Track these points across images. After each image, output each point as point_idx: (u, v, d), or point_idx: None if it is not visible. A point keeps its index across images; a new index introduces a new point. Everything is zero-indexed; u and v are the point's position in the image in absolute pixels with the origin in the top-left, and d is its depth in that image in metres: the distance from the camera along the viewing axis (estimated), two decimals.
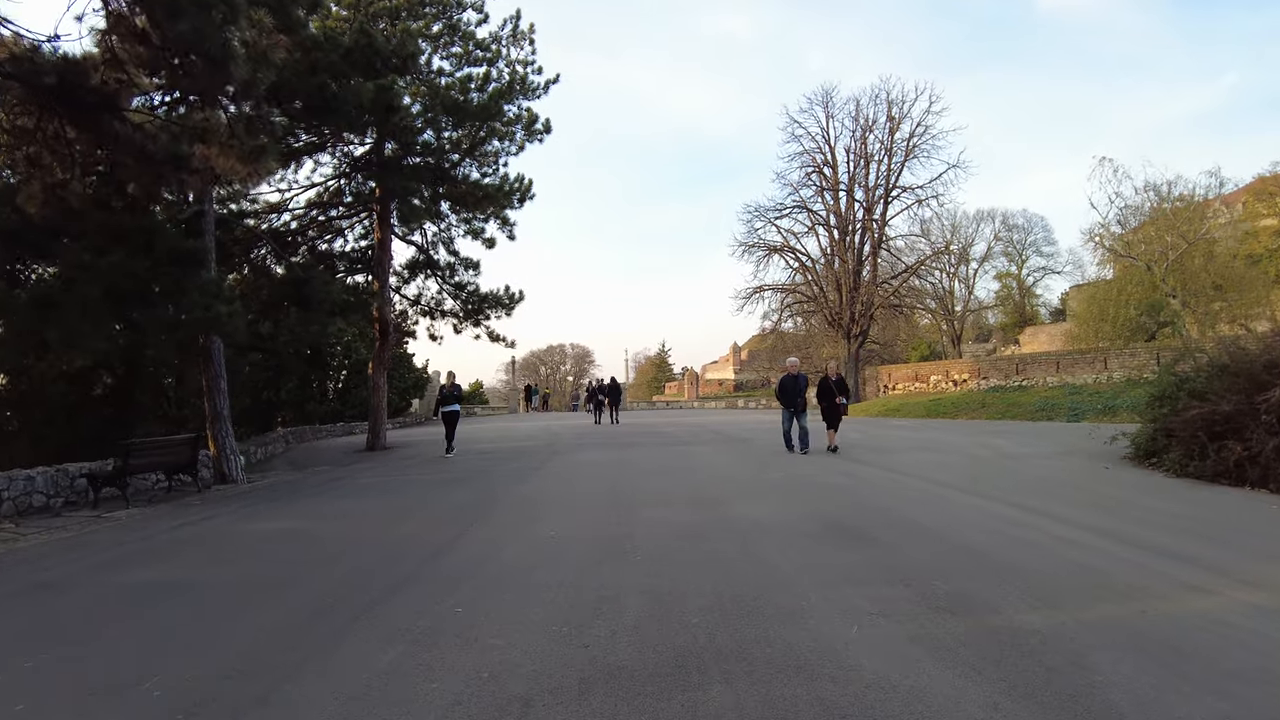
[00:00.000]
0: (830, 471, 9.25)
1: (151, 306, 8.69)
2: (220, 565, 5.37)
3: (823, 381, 12.41)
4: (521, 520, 6.42)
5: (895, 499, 7.08)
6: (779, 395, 12.23)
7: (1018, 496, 7.09)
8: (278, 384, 26.94)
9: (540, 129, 18.34)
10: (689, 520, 6.13)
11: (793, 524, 5.90)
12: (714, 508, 6.71)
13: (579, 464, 11.10)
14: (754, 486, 8.11)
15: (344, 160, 17.37)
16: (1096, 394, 20.34)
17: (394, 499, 8.39)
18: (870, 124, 33.79)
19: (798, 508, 6.65)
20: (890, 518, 6.11)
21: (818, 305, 35.18)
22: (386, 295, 16.51)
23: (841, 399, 12.03)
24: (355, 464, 13.72)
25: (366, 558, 5.33)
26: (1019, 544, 5.11)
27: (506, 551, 5.23)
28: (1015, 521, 5.90)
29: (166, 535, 6.75)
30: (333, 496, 9.03)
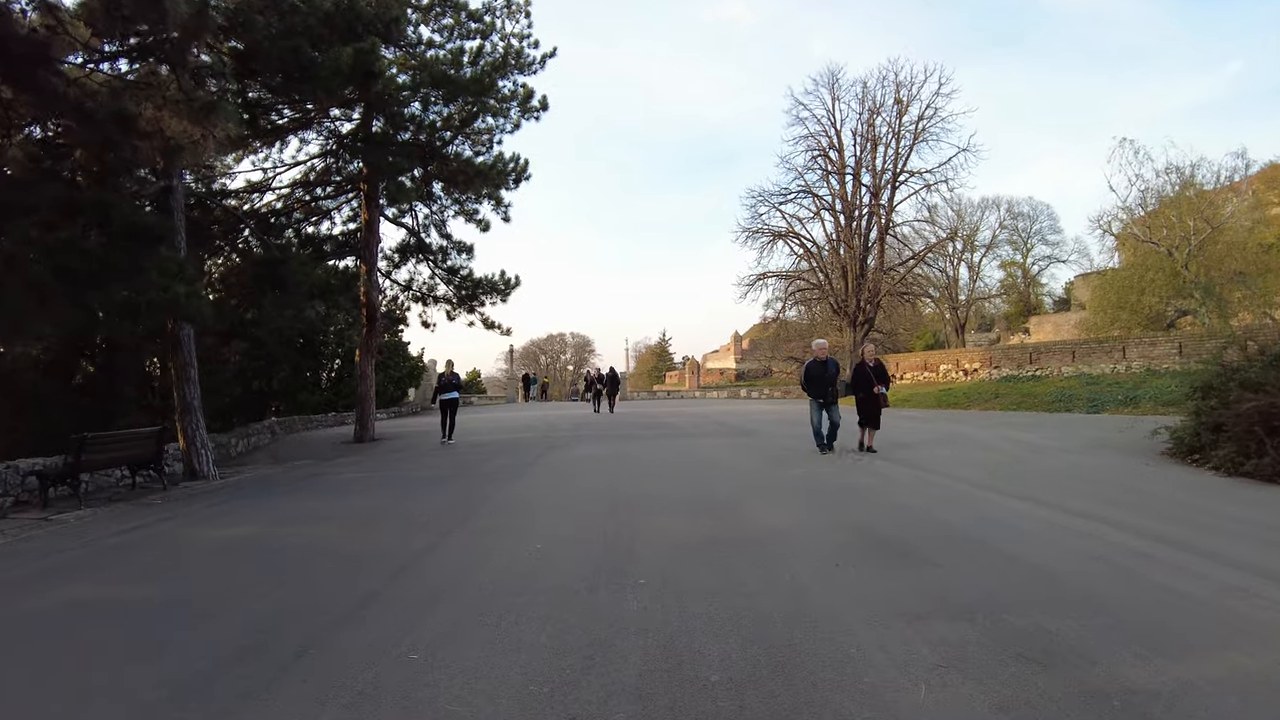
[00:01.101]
0: (851, 469, 8.47)
1: (104, 287, 7.87)
2: (154, 581, 4.60)
3: (858, 368, 10.58)
4: (507, 528, 5.64)
5: (930, 502, 6.31)
6: (805, 385, 10.33)
7: (1065, 499, 6.32)
8: (269, 373, 26.21)
9: (536, 106, 17.42)
10: (698, 530, 5.35)
11: (821, 535, 5.12)
12: (726, 514, 5.93)
13: (576, 459, 10.33)
14: (769, 487, 7.33)
15: (330, 138, 16.48)
16: (1115, 384, 19.54)
17: (370, 499, 7.62)
18: (878, 106, 32.84)
19: (823, 514, 5.87)
20: (931, 527, 5.33)
21: (823, 293, 34.32)
22: (374, 279, 15.68)
23: (881, 388, 10.21)
24: (339, 457, 12.96)
25: (323, 574, 4.55)
26: (1089, 562, 4.33)
27: (486, 569, 4.45)
28: (1074, 531, 5.13)
29: (109, 542, 5.98)
30: (305, 495, 8.26)
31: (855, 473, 8.17)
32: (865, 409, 10.28)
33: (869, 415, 10.29)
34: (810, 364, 10.32)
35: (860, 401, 10.31)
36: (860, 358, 10.77)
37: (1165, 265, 21.53)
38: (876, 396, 10.17)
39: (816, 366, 10.19)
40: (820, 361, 10.19)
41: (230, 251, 14.35)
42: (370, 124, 15.60)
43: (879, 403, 10.21)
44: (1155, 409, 16.72)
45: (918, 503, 6.28)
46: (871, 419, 10.28)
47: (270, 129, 15.69)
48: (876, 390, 10.17)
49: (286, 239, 16.18)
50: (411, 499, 7.39)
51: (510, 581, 4.15)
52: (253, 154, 16.33)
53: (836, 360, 10.49)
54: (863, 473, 8.15)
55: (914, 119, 32.28)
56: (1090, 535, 4.98)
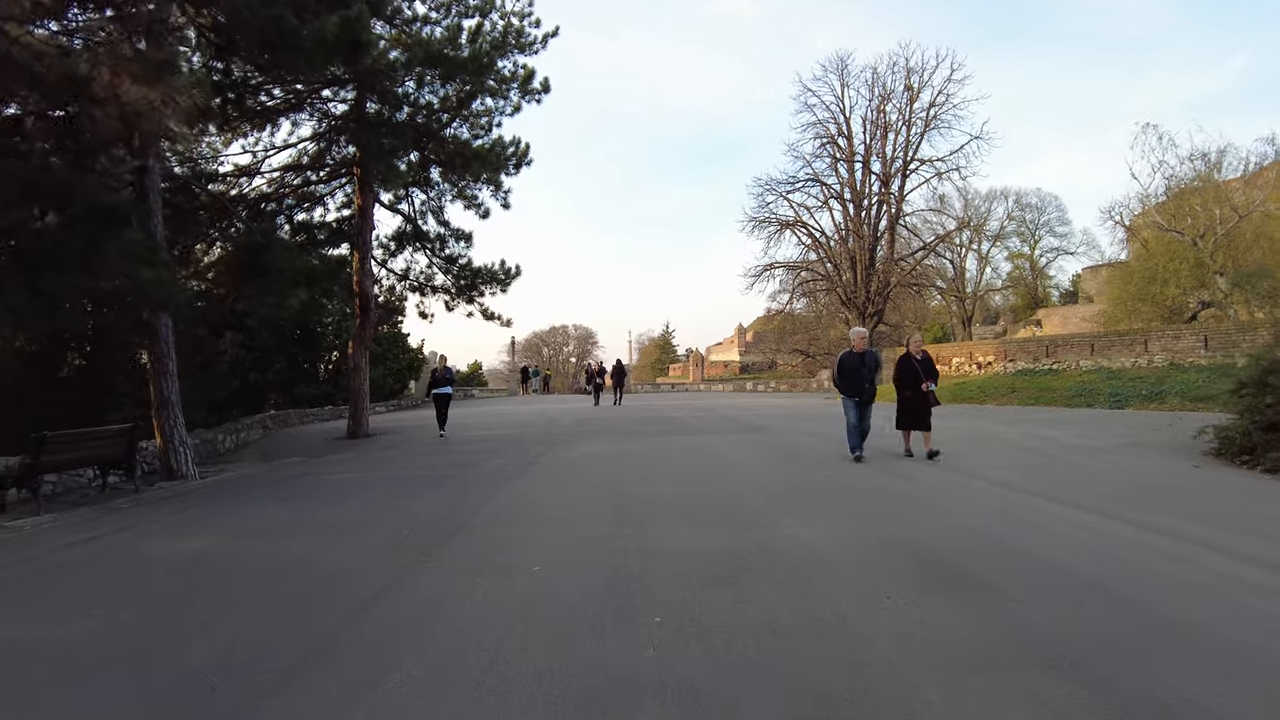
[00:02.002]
0: (880, 472, 7.77)
1: (63, 271, 7.19)
2: (80, 616, 3.92)
3: (903, 362, 8.95)
4: (498, 545, 4.97)
5: (977, 513, 5.62)
6: (838, 380, 8.82)
7: (1124, 508, 5.63)
8: (265, 365, 25.61)
9: (537, 88, 16.68)
10: (719, 548, 4.66)
11: (861, 555, 4.43)
12: (749, 527, 5.24)
13: (577, 459, 9.65)
14: (791, 493, 6.64)
15: (323, 120, 15.75)
16: (1138, 379, 18.79)
17: (354, 505, 6.95)
18: (888, 93, 31.92)
19: (859, 527, 5.18)
20: (985, 543, 4.64)
21: (831, 283, 33.52)
22: (368, 268, 14.98)
23: (930, 385, 8.72)
24: (330, 454, 12.32)
25: (279, 605, 3.89)
26: (1186, 591, 3.64)
27: (472, 600, 3.78)
28: (1148, 548, 4.44)
29: (51, 559, 5.33)
30: (285, 499, 7.60)
31: (884, 476, 7.48)
32: (911, 409, 8.86)
33: (916, 417, 8.87)
34: (845, 356, 8.79)
35: (905, 401, 8.87)
36: (905, 348, 9.25)
37: (1189, 255, 20.73)
38: (925, 395, 8.75)
39: (852, 359, 8.68)
40: (857, 353, 8.66)
41: (217, 239, 13.67)
42: (364, 105, 14.87)
43: (928, 402, 8.79)
44: (1182, 405, 16.01)
45: (963, 514, 5.60)
46: (920, 420, 8.86)
47: (259, 110, 14.98)
48: (925, 387, 8.75)
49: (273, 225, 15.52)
50: (398, 505, 6.73)
51: (500, 618, 3.47)
52: (242, 137, 15.63)
53: (876, 353, 8.99)
54: (893, 476, 7.46)
55: (925, 105, 31.40)
56: (1176, 557, 4.29)
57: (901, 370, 8.94)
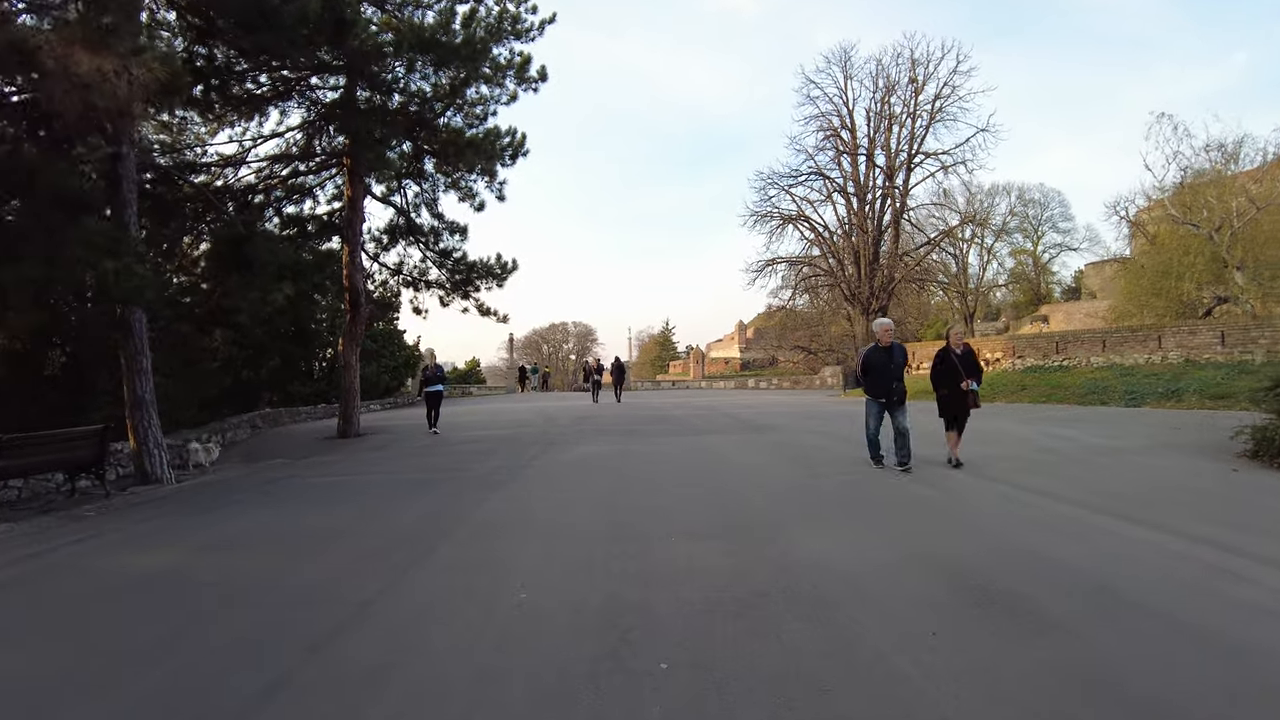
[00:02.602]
0: (898, 477, 7.24)
1: (20, 262, 6.66)
2: (5, 649, 3.42)
3: (941, 356, 7.80)
4: (484, 562, 4.45)
5: (1011, 524, 5.10)
6: (862, 377, 7.81)
7: (1170, 518, 5.11)
8: (258, 363, 25.13)
9: (534, 76, 16.10)
10: (730, 568, 4.14)
11: (893, 577, 3.92)
12: (761, 541, 4.72)
13: (573, 462, 9.13)
14: (807, 501, 6.12)
15: (313, 107, 15.19)
16: (1153, 376, 18.26)
17: (332, 513, 6.44)
18: (893, 85, 31.37)
19: (884, 541, 4.66)
20: (1032, 564, 4.12)
21: (834, 278, 32.99)
22: (358, 261, 14.44)
23: (972, 383, 7.60)
24: (316, 455, 11.81)
25: (229, 639, 3.37)
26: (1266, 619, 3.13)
27: (445, 635, 3.26)
28: (1219, 569, 3.92)
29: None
30: (260, 506, 7.09)
31: (905, 482, 6.95)
32: (950, 409, 7.78)
33: (955, 416, 7.81)
34: (870, 351, 7.66)
35: (943, 401, 7.82)
36: (945, 341, 8.06)
37: (1204, 249, 20.18)
38: (966, 395, 7.59)
39: (878, 354, 7.55)
40: (883, 348, 7.54)
41: (205, 232, 13.14)
42: (354, 92, 14.33)
43: (969, 403, 7.65)
44: (1201, 403, 15.50)
45: (998, 526, 5.07)
46: (956, 422, 7.82)
47: (246, 99, 14.44)
48: (966, 386, 7.55)
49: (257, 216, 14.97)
50: (379, 514, 6.21)
51: (477, 660, 2.95)
52: (228, 127, 15.11)
53: (904, 347, 7.93)
54: (915, 482, 6.94)
55: (930, 98, 30.87)
56: (1250, 581, 3.77)
57: (940, 366, 7.83)
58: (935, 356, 7.98)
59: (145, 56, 5.63)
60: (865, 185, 32.05)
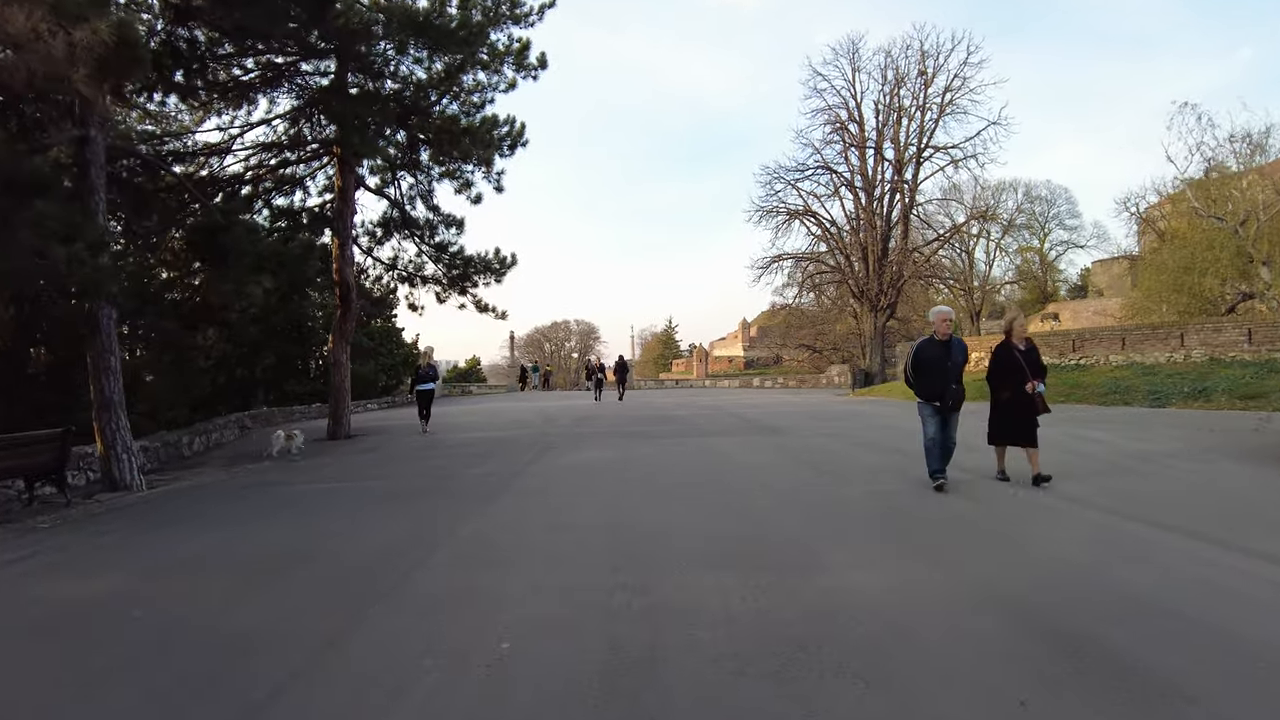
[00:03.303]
0: (931, 488, 6.55)
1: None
2: None
3: (1001, 353, 6.64)
4: (458, 598, 3.78)
5: (1074, 546, 4.41)
6: (913, 376, 6.50)
7: (1251, 537, 4.43)
8: (253, 361, 24.54)
9: (534, 63, 15.45)
10: (755, 609, 3.46)
11: (952, 618, 3.24)
12: (789, 572, 4.04)
13: (573, 468, 8.46)
14: (834, 518, 5.43)
15: (303, 94, 14.53)
16: (1177, 375, 17.53)
17: (302, 529, 5.79)
18: (902, 77, 30.61)
19: (934, 571, 3.98)
20: (1120, 600, 3.43)
21: (842, 275, 32.25)
22: (348, 254, 13.79)
23: (1038, 385, 6.43)
24: (302, 459, 11.15)
25: (147, 699, 2.72)
26: None
27: (406, 704, 2.60)
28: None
29: None
30: (226, 520, 6.45)
31: (940, 495, 6.27)
32: (1011, 417, 6.56)
33: (1018, 426, 6.54)
34: (924, 346, 6.40)
35: (1003, 406, 6.60)
36: (1006, 334, 6.81)
37: (1229, 243, 19.44)
38: (1033, 398, 6.41)
39: (934, 350, 6.29)
40: (940, 341, 6.28)
41: (185, 222, 12.50)
42: (344, 78, 13.69)
43: (1035, 407, 6.46)
44: (1231, 403, 14.80)
45: (1063, 550, 4.39)
46: (1023, 431, 6.53)
47: (233, 85, 13.82)
48: (1032, 388, 6.39)
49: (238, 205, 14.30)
50: (351, 531, 5.55)
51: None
52: (215, 115, 14.49)
53: (964, 342, 6.58)
54: (952, 494, 6.25)
55: (940, 90, 30.09)
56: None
57: (1000, 364, 6.63)
58: (993, 353, 6.79)
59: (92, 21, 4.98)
60: (873, 179, 31.32)
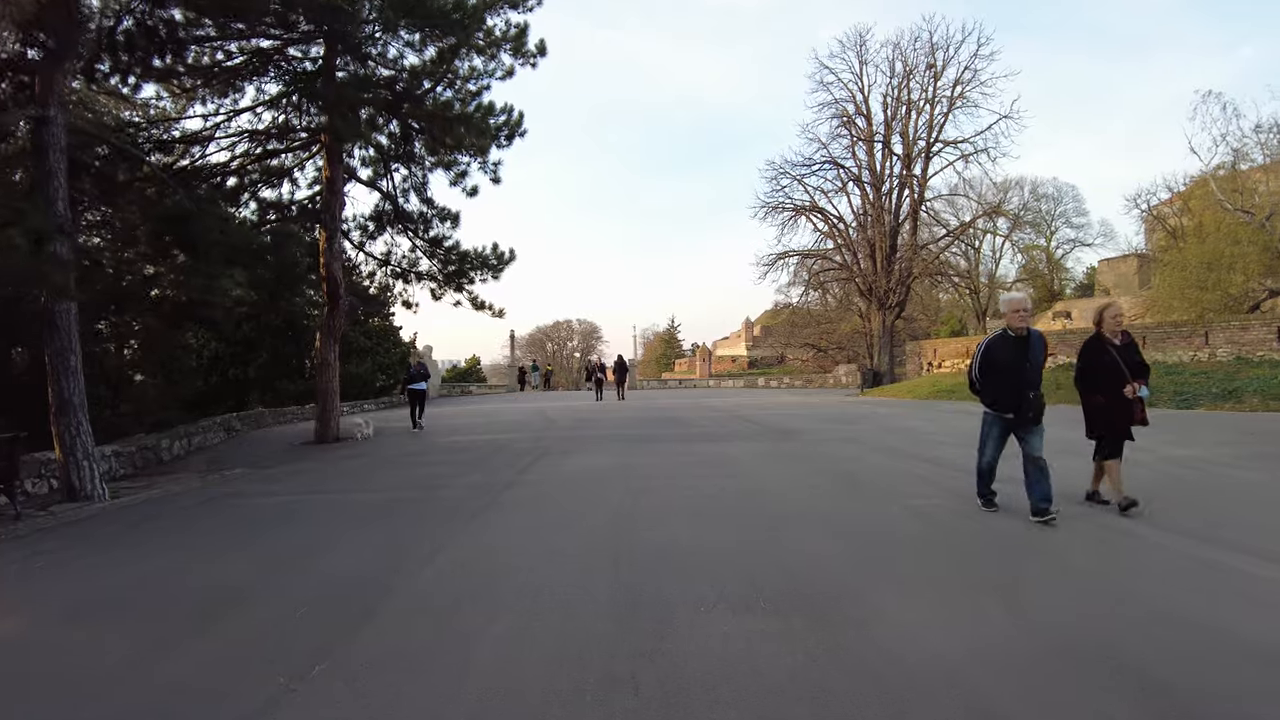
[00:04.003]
0: (971, 503, 5.82)
1: None
2: None
3: (1094, 349, 5.36)
4: (415, 662, 3.03)
5: (1158, 580, 3.68)
6: (980, 380, 5.23)
7: None
8: (246, 360, 23.91)
9: (533, 50, 14.74)
10: (791, 668, 2.74)
11: (1046, 683, 2.50)
12: (830, 617, 3.31)
13: (568, 479, 7.73)
14: (873, 543, 4.68)
15: (290, 80, 13.83)
16: (1202, 375, 16.77)
17: (257, 554, 5.08)
18: (910, 69, 29.86)
19: (1003, 614, 3.24)
20: (1244, 657, 2.72)
21: (849, 272, 31.49)
22: (336, 248, 13.10)
23: (1140, 387, 5.22)
24: (283, 464, 10.47)
25: None
26: None
27: None
28: None
29: None
30: (175, 541, 5.76)
31: (985, 514, 5.54)
32: (1114, 425, 5.27)
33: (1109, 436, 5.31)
34: (994, 342, 5.12)
35: (1098, 413, 5.33)
36: (1096, 325, 5.45)
37: (1257, 238, 18.67)
38: (1133, 403, 5.21)
39: (1008, 347, 5.02)
40: (1016, 337, 5.01)
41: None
42: (333, 62, 13.00)
43: (1135, 415, 5.27)
44: (1265, 404, 14.07)
45: (1141, 582, 3.66)
46: (1112, 446, 5.30)
47: (217, 71, 13.13)
48: (1132, 391, 5.15)
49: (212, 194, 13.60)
50: (313, 556, 4.84)
51: None
52: (199, 102, 13.80)
53: (1043, 335, 5.24)
54: (999, 513, 5.52)
55: (950, 83, 29.34)
56: None
57: (1093, 361, 5.34)
58: (1083, 350, 5.46)
59: None
60: (881, 174, 30.58)
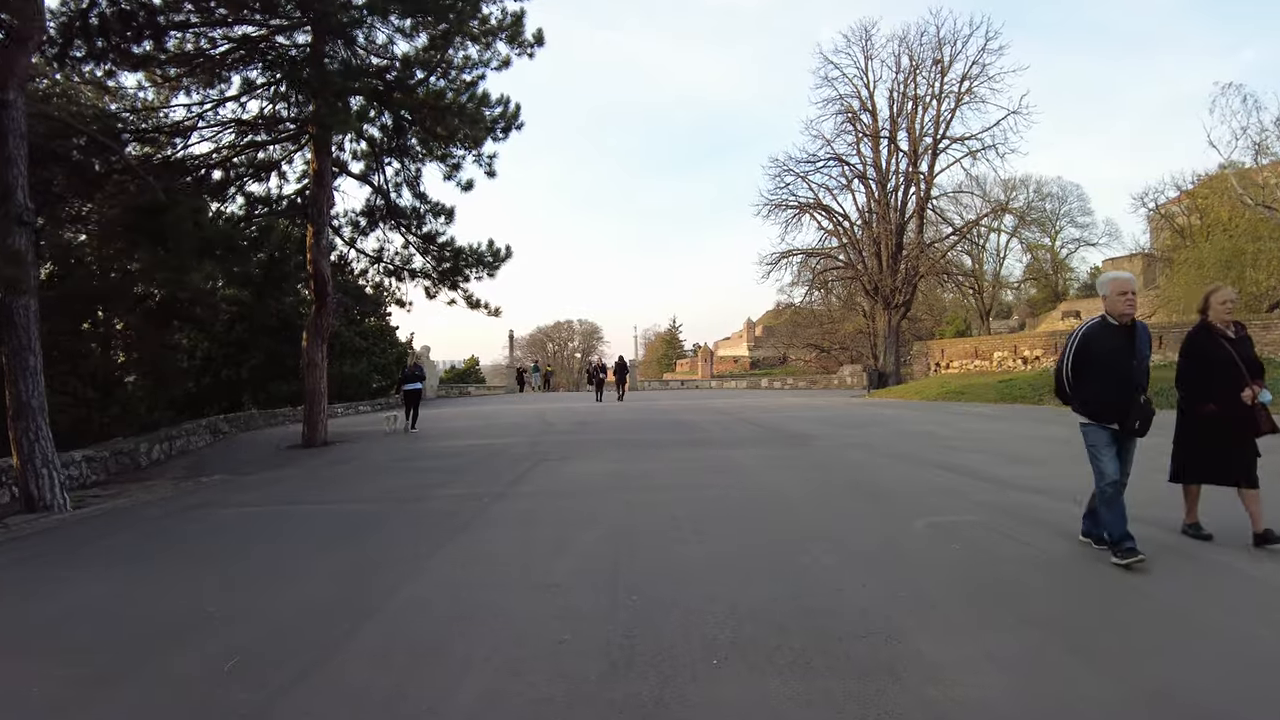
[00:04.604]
0: (1012, 515, 5.22)
1: None
2: None
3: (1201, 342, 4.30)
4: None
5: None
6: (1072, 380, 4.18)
7: None
8: (239, 360, 23.37)
9: (530, 40, 14.18)
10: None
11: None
12: (870, 668, 2.71)
13: (564, 489, 7.13)
14: (911, 571, 4.06)
15: (275, 68, 13.26)
16: None
17: (199, 579, 4.50)
18: (917, 63, 29.22)
19: (1084, 664, 2.65)
20: None
21: (855, 271, 30.84)
22: (324, 243, 12.51)
23: (1259, 389, 4.06)
24: (264, 471, 9.89)
25: None
26: None
27: None
28: None
29: None
30: (130, 559, 5.18)
31: (1033, 529, 4.94)
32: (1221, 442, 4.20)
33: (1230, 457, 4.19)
34: (1093, 331, 4.08)
35: (1209, 424, 4.24)
36: (1201, 317, 4.38)
37: (1277, 234, 18.06)
38: (1253, 412, 4.10)
39: (1109, 335, 4.03)
40: (1118, 325, 4.02)
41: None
42: (321, 49, 12.44)
43: (1258, 425, 4.15)
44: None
45: (1269, 633, 3.07)
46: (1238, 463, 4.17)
47: (201, 59, 12.57)
48: (1251, 396, 4.05)
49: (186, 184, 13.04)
50: (262, 587, 4.25)
51: None
52: (185, 93, 13.23)
53: (1148, 327, 4.32)
54: (1054, 533, 4.93)
55: (958, 78, 28.66)
56: None
57: (1202, 359, 4.27)
58: (1188, 344, 4.37)
59: None
60: (887, 171, 29.93)
